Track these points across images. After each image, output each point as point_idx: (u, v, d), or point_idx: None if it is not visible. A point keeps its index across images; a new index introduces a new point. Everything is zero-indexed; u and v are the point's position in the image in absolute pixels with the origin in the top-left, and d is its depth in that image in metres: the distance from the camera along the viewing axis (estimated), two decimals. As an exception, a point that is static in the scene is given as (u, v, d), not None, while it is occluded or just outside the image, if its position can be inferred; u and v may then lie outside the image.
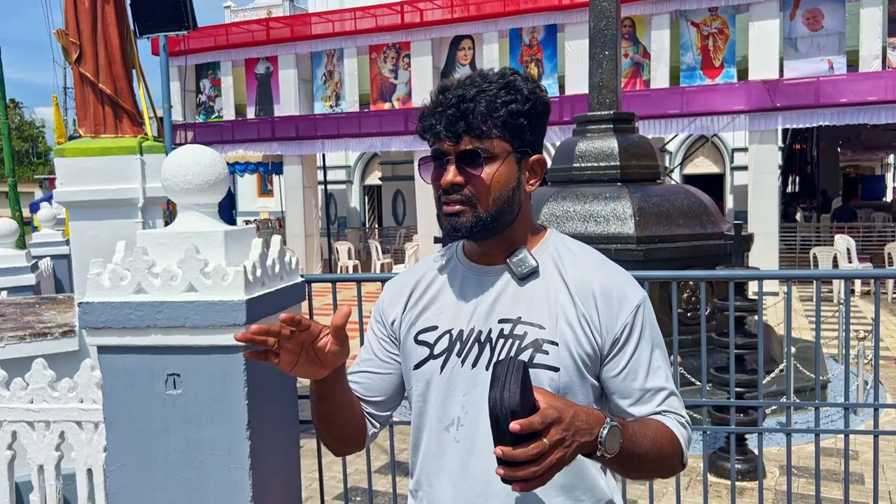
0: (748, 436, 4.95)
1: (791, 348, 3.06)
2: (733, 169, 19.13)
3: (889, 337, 9.16)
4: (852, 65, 12.92)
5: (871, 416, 4.00)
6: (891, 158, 29.68)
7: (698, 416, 5.04)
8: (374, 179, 24.55)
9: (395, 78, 16.63)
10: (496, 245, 1.34)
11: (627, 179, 6.69)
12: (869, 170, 30.18)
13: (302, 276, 2.80)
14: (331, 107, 17.27)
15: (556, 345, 1.27)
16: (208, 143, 2.67)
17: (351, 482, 4.63)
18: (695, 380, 5.43)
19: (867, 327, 8.30)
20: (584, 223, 6.28)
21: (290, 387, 2.75)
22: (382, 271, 15.63)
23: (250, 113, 17.99)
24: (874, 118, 12.45)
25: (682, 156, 19.53)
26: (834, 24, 12.77)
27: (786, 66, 13.16)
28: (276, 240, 2.63)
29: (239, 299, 2.32)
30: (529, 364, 1.26)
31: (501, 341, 1.30)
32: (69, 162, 4.33)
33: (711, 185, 17.61)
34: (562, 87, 14.89)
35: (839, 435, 5.04)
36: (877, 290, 2.82)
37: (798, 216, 19.53)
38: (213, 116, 18.66)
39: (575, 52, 14.09)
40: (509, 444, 1.01)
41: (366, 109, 16.90)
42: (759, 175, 13.27)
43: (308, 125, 16.89)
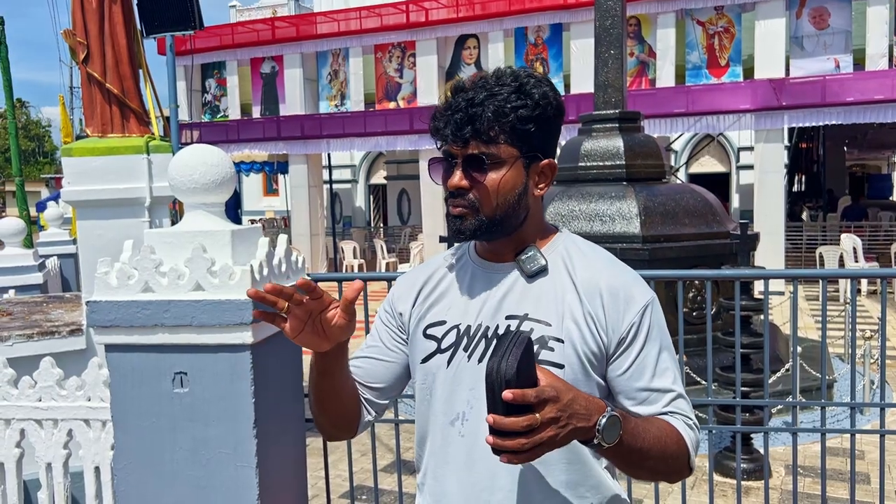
0: (754, 435, 4.94)
1: (797, 348, 3.06)
2: (739, 168, 19.10)
3: (896, 336, 9.14)
4: (859, 63, 12.87)
5: (878, 415, 3.99)
6: (897, 157, 29.58)
7: (704, 415, 5.04)
8: (379, 179, 24.57)
9: (401, 77, 16.63)
10: (506, 244, 1.36)
11: (633, 178, 6.68)
12: (875, 169, 30.06)
13: (308, 275, 2.81)
14: (336, 106, 17.28)
15: (562, 342, 1.28)
16: (214, 143, 2.68)
17: (357, 481, 4.64)
18: (700, 379, 5.43)
19: (874, 327, 8.28)
20: (590, 222, 6.28)
21: (296, 385, 2.76)
22: (387, 270, 15.64)
23: (256, 112, 18.02)
24: (881, 117, 12.41)
25: (688, 155, 19.50)
26: (840, 23, 12.72)
27: (792, 64, 13.11)
28: (283, 239, 2.63)
29: (246, 298, 2.32)
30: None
31: None
32: (76, 161, 4.35)
33: (717, 184, 17.57)
34: (567, 86, 14.87)
35: (845, 434, 5.04)
36: (883, 289, 2.82)
37: (804, 215, 19.47)
38: (218, 116, 18.69)
39: (580, 51, 14.08)
40: (502, 413, 1.03)
41: (371, 109, 16.91)
42: (765, 174, 13.24)
43: (313, 124, 16.91)
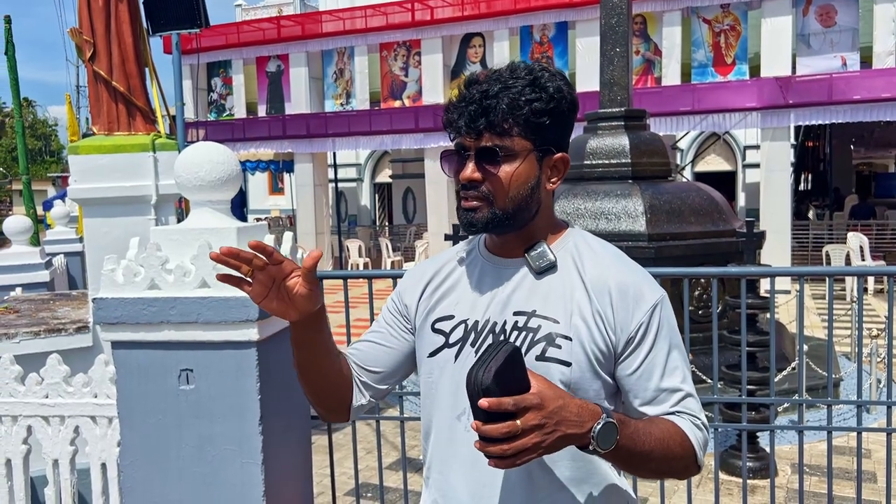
0: (760, 433, 4.93)
1: (804, 346, 3.05)
2: (745, 166, 19.02)
3: (902, 335, 9.07)
4: (866, 61, 12.81)
5: (884, 414, 3.98)
6: (905, 156, 29.40)
7: (710, 413, 5.02)
8: (384, 177, 24.56)
9: (406, 76, 16.62)
10: (516, 239, 1.35)
11: (638, 177, 6.66)
12: (882, 167, 29.89)
13: (313, 272, 2.80)
14: (341, 105, 17.29)
15: (570, 340, 1.28)
16: (219, 142, 2.69)
17: (362, 478, 4.64)
18: (706, 377, 5.41)
19: (880, 325, 8.25)
20: (595, 220, 6.27)
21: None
22: (392, 269, 15.63)
23: (261, 111, 18.04)
24: (888, 115, 12.34)
25: (694, 153, 19.43)
26: (847, 21, 12.66)
27: (798, 62, 13.06)
28: (288, 236, 2.64)
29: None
30: (541, 357, 1.27)
31: (515, 333, 1.30)
32: (83, 159, 4.37)
33: (723, 182, 17.50)
34: (572, 85, 14.84)
35: (852, 433, 5.02)
36: (890, 287, 2.80)
37: (810, 214, 19.40)
38: (224, 115, 18.72)
39: (586, 49, 14.05)
40: (482, 419, 1.06)
41: (376, 107, 16.91)
42: (772, 172, 13.19)
43: (319, 123, 16.92)
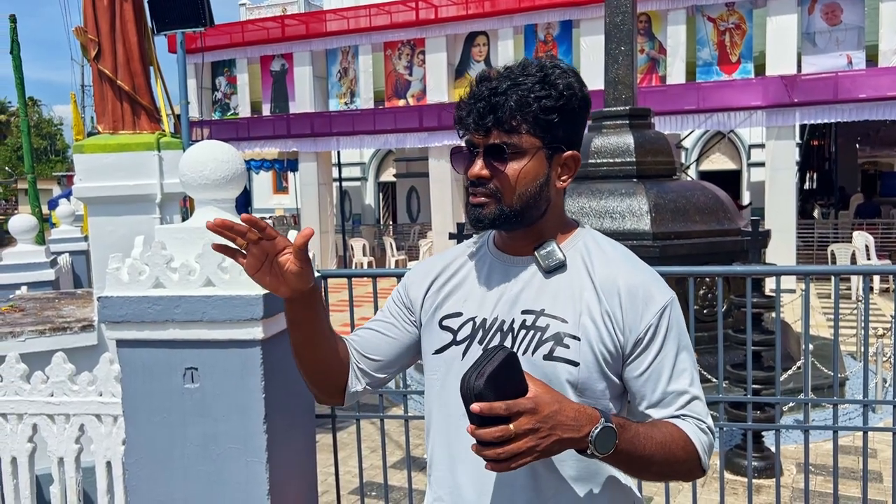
0: (765, 433, 4.92)
1: (809, 345, 3.04)
2: (750, 165, 18.98)
3: (908, 335, 9.03)
4: (871, 60, 12.76)
5: (890, 413, 3.97)
6: (910, 154, 29.28)
7: (715, 412, 5.02)
8: (388, 176, 24.57)
9: (410, 75, 16.62)
10: (525, 236, 1.35)
11: (643, 175, 6.66)
12: (888, 166, 29.77)
13: (318, 271, 2.81)
14: (346, 104, 17.30)
15: (578, 340, 1.27)
16: (224, 141, 2.68)
17: (366, 477, 4.64)
18: (711, 377, 5.40)
19: (886, 324, 8.22)
20: (600, 219, 6.26)
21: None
22: (397, 268, 15.64)
23: (266, 110, 18.06)
24: (894, 114, 12.28)
25: (698, 152, 19.39)
26: (853, 19, 12.62)
27: (804, 61, 13.02)
28: (293, 234, 2.63)
29: (256, 294, 2.33)
30: (549, 357, 1.27)
31: (523, 332, 1.30)
32: (88, 158, 4.37)
33: (728, 181, 17.46)
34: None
35: (857, 433, 5.01)
36: (897, 286, 2.79)
37: (816, 213, 19.34)
38: (228, 114, 18.74)
39: (590, 47, 14.02)
40: (476, 423, 1.08)
41: (380, 106, 16.92)
42: (777, 171, 13.16)
43: (323, 122, 16.93)
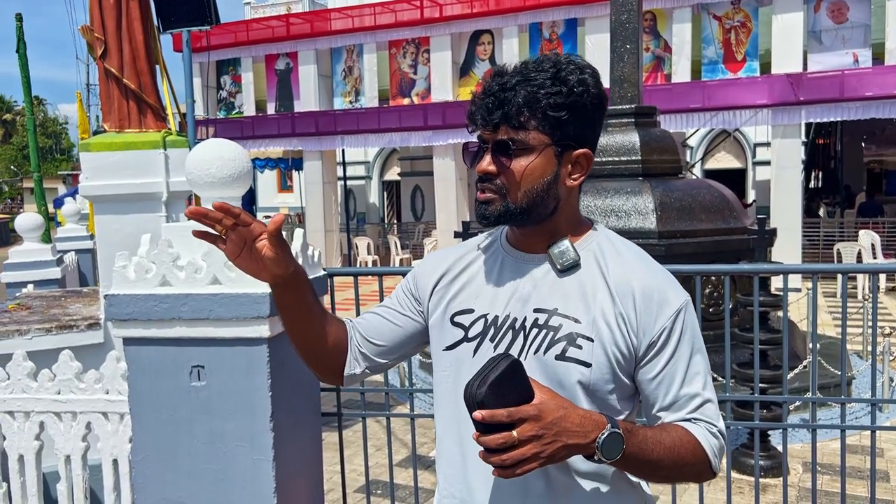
0: (771, 432, 4.91)
1: (816, 344, 3.03)
2: (755, 164, 18.93)
3: (915, 334, 9.00)
4: (878, 58, 12.72)
5: (898, 413, 3.95)
6: (917, 153, 29.12)
7: (721, 411, 5.01)
8: (392, 175, 24.58)
9: (415, 73, 16.62)
10: (538, 234, 1.34)
11: (649, 174, 6.64)
12: (894, 165, 29.68)
13: (324, 269, 2.81)
14: (350, 102, 17.30)
15: (591, 341, 1.26)
16: (229, 139, 2.68)
17: (372, 475, 4.64)
18: (718, 375, 5.39)
19: (893, 323, 8.19)
20: (606, 218, 6.24)
21: (312, 379, 2.76)
22: (401, 266, 15.64)
23: (270, 109, 18.08)
24: (900, 112, 12.26)
25: (704, 151, 19.35)
26: (859, 17, 12.57)
27: (810, 59, 12.98)
28: (299, 233, 2.63)
29: (262, 292, 2.33)
30: (561, 357, 1.26)
31: (535, 331, 1.29)
32: (94, 156, 4.38)
33: (733, 180, 17.42)
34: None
35: (864, 432, 4.99)
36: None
37: (821, 212, 19.28)
38: (233, 112, 18.77)
39: (595, 46, 14.00)
40: (481, 431, 1.09)
41: (385, 105, 16.92)
42: (782, 170, 13.12)
43: (328, 121, 16.94)
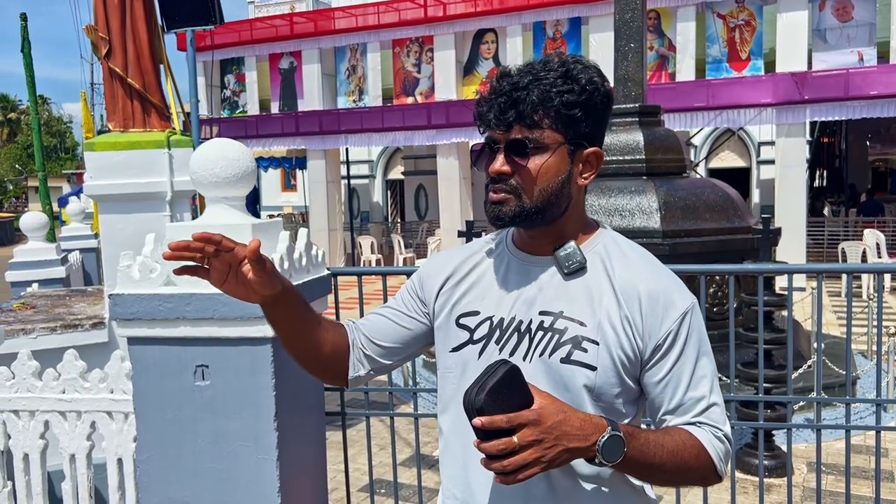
0: (776, 432, 4.89)
1: (821, 344, 3.02)
2: (760, 163, 18.88)
3: (920, 333, 8.97)
4: (883, 56, 12.67)
5: (903, 413, 3.94)
6: (922, 152, 29.01)
7: (726, 412, 5.00)
8: (396, 174, 24.57)
9: (418, 72, 16.62)
10: (545, 236, 1.33)
11: (653, 173, 6.63)
12: (899, 163, 29.57)
13: (328, 269, 2.81)
14: (354, 101, 17.31)
15: (597, 344, 1.26)
16: (233, 139, 2.69)
17: (376, 474, 4.65)
18: (722, 375, 5.38)
19: (897, 323, 8.16)
20: (609, 217, 6.23)
21: (316, 379, 2.76)
22: (405, 265, 15.65)
23: (274, 108, 18.10)
24: (905, 111, 12.22)
25: (708, 149, 19.30)
26: (864, 15, 12.53)
27: (814, 57, 12.94)
28: (303, 233, 2.63)
29: (267, 291, 2.32)
30: (567, 360, 1.26)
31: (540, 333, 1.28)
32: (99, 156, 4.39)
33: (737, 179, 17.38)
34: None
35: (868, 432, 4.98)
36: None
37: (826, 211, 19.23)
38: (237, 111, 18.79)
39: (599, 44, 13.98)
40: (482, 437, 1.10)
41: (389, 104, 16.92)
42: (787, 169, 13.09)
43: (331, 120, 16.95)
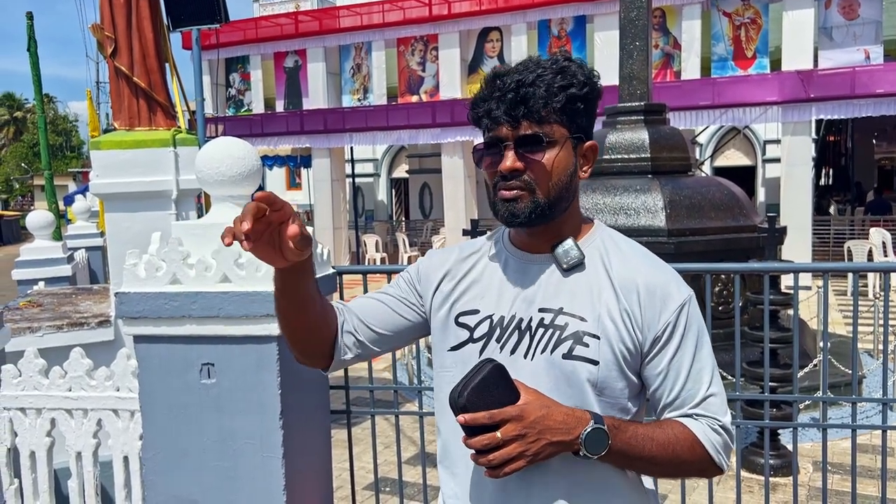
0: (781, 431, 4.88)
1: (827, 343, 3.01)
2: (765, 161, 18.83)
3: (926, 332, 8.95)
4: (889, 54, 12.66)
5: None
6: (928, 150, 28.91)
7: (731, 410, 4.99)
8: (401, 172, 24.59)
9: (423, 71, 16.61)
10: (544, 233, 1.33)
11: (658, 171, 6.62)
12: (905, 162, 29.45)
13: (333, 267, 2.81)
14: (359, 100, 17.32)
15: (598, 339, 1.26)
16: (238, 137, 2.69)
17: (381, 472, 4.65)
18: (728, 374, 5.37)
19: (904, 322, 8.13)
20: (615, 216, 6.22)
21: (321, 377, 2.77)
22: (410, 264, 15.66)
23: (279, 106, 18.12)
24: (912, 109, 12.17)
25: (713, 148, 19.25)
26: (870, 13, 12.48)
27: (820, 55, 12.90)
28: (309, 231, 2.63)
29: (272, 290, 2.33)
30: (568, 356, 1.26)
31: (541, 330, 1.28)
32: (105, 154, 4.40)
33: (743, 177, 17.34)
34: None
35: (874, 431, 4.96)
36: (917, 283, 2.76)
37: (832, 209, 19.17)
38: (242, 110, 18.81)
39: (604, 43, 13.96)
40: (468, 434, 1.15)
41: (393, 102, 16.93)
42: (792, 167, 13.06)
43: (336, 118, 16.96)
